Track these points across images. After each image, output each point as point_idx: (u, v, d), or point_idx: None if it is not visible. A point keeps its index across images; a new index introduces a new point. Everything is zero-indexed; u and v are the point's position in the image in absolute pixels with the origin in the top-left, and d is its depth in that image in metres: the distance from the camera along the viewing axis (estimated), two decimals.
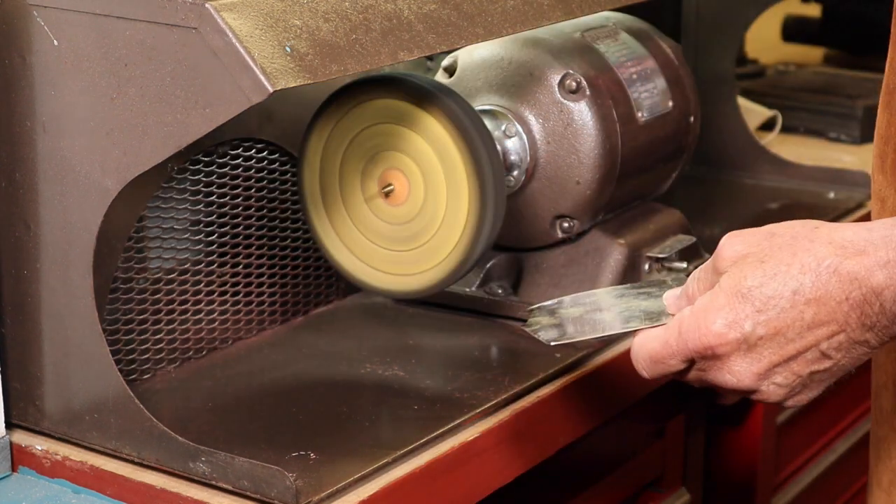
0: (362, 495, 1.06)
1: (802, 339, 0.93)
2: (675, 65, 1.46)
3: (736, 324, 0.93)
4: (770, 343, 0.93)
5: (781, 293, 0.92)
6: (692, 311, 0.95)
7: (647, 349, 0.98)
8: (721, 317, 0.93)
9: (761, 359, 0.94)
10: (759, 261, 0.93)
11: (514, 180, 1.34)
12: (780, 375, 0.95)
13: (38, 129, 1.10)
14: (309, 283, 1.41)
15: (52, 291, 1.12)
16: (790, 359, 0.94)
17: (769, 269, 0.92)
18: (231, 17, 0.98)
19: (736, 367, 0.95)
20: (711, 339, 0.94)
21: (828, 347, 0.93)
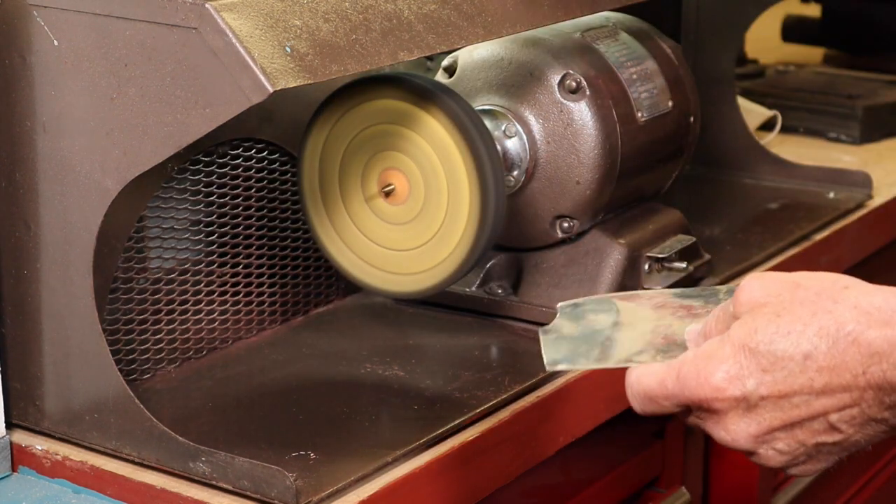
0: (362, 495, 1.06)
1: (809, 407, 0.85)
2: (675, 65, 1.46)
3: (738, 379, 0.86)
4: (773, 406, 0.86)
5: (792, 355, 0.85)
6: (694, 357, 0.88)
7: (643, 385, 0.91)
8: (723, 370, 0.86)
9: (761, 421, 0.86)
10: (775, 314, 0.85)
11: (514, 180, 1.34)
12: (782, 441, 0.87)
13: (38, 129, 1.10)
14: (309, 283, 1.41)
15: (52, 291, 1.12)
16: (794, 425, 0.86)
17: (783, 326, 0.85)
18: (231, 17, 0.98)
19: (732, 426, 0.87)
20: (708, 391, 0.86)
21: (838, 420, 0.86)
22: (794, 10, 2.46)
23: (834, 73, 2.29)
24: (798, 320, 0.85)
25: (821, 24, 2.43)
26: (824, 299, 0.85)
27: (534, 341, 1.30)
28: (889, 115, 2.05)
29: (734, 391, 0.86)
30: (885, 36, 2.38)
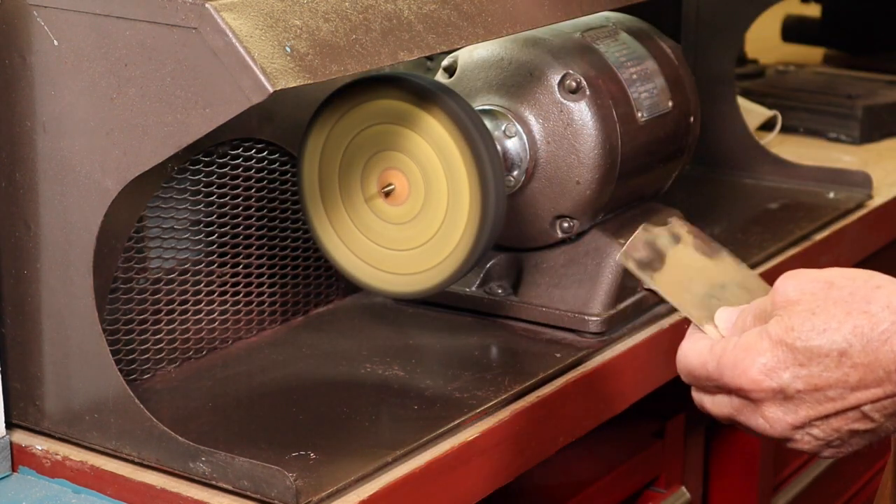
0: (362, 495, 1.06)
1: (844, 400, 0.89)
2: (675, 65, 1.46)
3: (774, 372, 0.89)
4: (808, 398, 0.89)
5: (828, 352, 0.88)
6: (735, 346, 0.91)
7: (687, 361, 0.95)
8: (760, 362, 0.90)
9: (798, 411, 0.90)
10: (810, 311, 0.89)
11: (514, 180, 1.34)
12: (818, 429, 0.91)
13: (38, 129, 1.10)
14: (309, 283, 1.41)
15: (52, 291, 1.12)
16: (829, 416, 0.90)
17: (819, 323, 0.88)
18: (231, 17, 0.98)
19: (770, 414, 0.91)
20: (746, 382, 0.90)
21: (871, 410, 0.89)
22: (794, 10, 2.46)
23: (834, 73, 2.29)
24: (833, 318, 0.88)
25: (821, 24, 2.43)
26: (858, 299, 0.88)
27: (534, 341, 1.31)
28: (889, 115, 2.05)
29: (771, 383, 0.89)
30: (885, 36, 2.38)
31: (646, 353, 1.34)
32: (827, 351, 0.88)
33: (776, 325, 0.90)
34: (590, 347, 1.31)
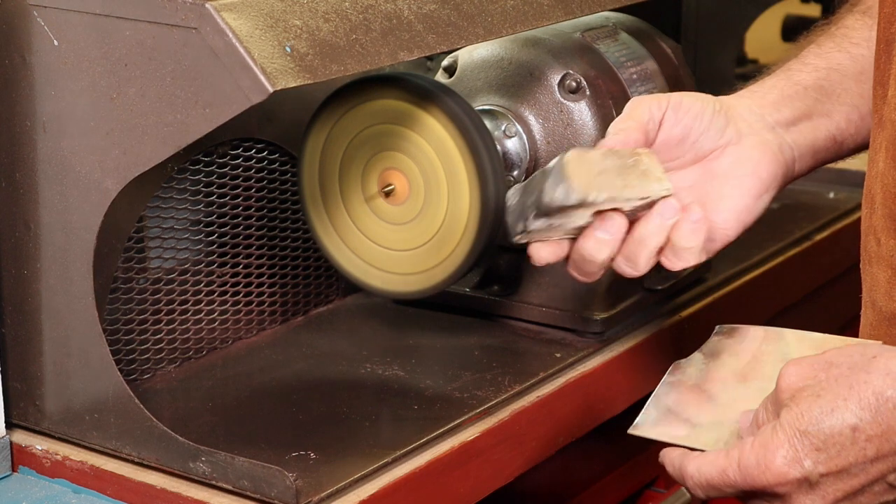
0: (362, 495, 1.06)
1: (867, 474, 0.90)
2: (675, 65, 1.46)
3: (796, 462, 0.90)
4: (833, 480, 0.90)
5: (841, 430, 0.89)
6: (752, 446, 0.92)
7: (704, 476, 0.95)
8: (780, 455, 0.91)
9: (826, 495, 0.91)
10: (815, 395, 0.90)
11: (514, 180, 1.34)
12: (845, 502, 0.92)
13: (38, 129, 1.10)
14: (309, 283, 1.41)
15: (52, 291, 1.12)
16: (856, 493, 0.91)
17: (826, 405, 0.90)
18: (231, 17, 0.98)
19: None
20: (771, 478, 0.91)
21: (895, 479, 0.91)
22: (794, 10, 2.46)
23: None
24: (838, 396, 0.90)
25: None
26: (857, 372, 0.90)
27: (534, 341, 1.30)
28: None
29: (796, 473, 0.90)
30: None
31: (646, 353, 1.34)
32: (840, 430, 0.89)
33: (786, 415, 0.91)
34: (590, 347, 1.31)
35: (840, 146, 1.15)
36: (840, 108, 1.14)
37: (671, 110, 1.08)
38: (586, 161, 1.04)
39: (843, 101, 1.14)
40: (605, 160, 1.05)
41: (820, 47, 1.17)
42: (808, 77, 1.15)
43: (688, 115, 1.09)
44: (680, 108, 1.09)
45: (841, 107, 1.14)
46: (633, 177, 1.04)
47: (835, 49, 1.16)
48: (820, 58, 1.16)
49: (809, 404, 0.90)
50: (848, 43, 1.17)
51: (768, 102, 1.12)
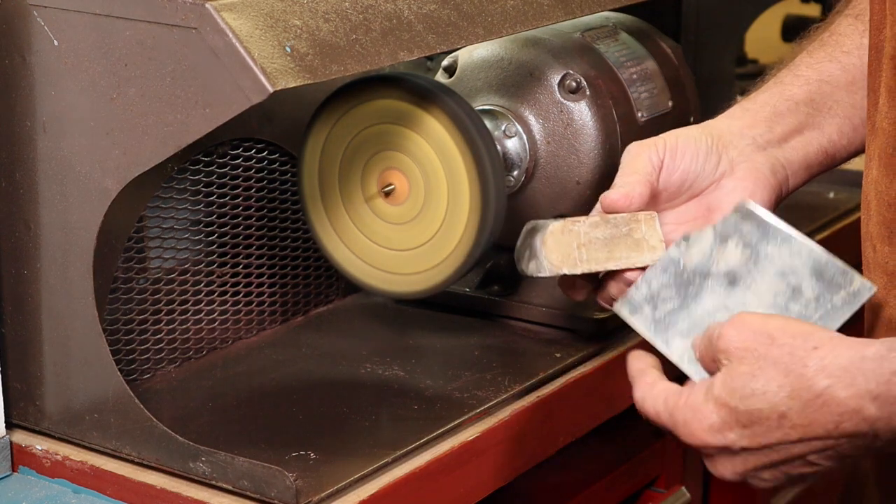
0: (362, 495, 1.06)
1: (788, 452, 0.93)
2: (675, 65, 1.46)
3: (720, 433, 0.94)
4: (755, 453, 0.94)
5: (769, 414, 0.92)
6: (685, 404, 0.95)
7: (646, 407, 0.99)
8: (706, 424, 0.94)
9: (746, 463, 0.95)
10: (750, 374, 0.92)
11: (514, 180, 1.34)
12: (767, 473, 0.95)
13: (38, 129, 1.10)
14: (309, 283, 1.41)
15: (52, 291, 1.12)
16: (775, 464, 0.94)
17: (759, 387, 0.92)
18: (231, 17, 0.98)
19: (720, 466, 0.96)
20: (695, 441, 0.95)
21: (816, 458, 0.93)
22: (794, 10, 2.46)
23: None
24: (772, 381, 0.91)
25: None
26: (796, 360, 0.91)
27: (534, 341, 1.31)
28: None
29: (718, 441, 0.94)
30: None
31: None
32: (767, 414, 0.91)
33: (720, 386, 0.93)
34: (590, 347, 1.31)
35: (832, 158, 1.16)
36: (832, 120, 1.15)
37: (668, 157, 1.10)
38: (569, 234, 1.08)
39: (834, 113, 1.15)
40: (593, 231, 1.07)
41: (811, 56, 1.17)
42: (799, 91, 1.15)
43: (684, 159, 1.10)
44: (676, 154, 1.10)
45: (833, 119, 1.15)
46: (622, 247, 1.07)
47: (826, 59, 1.16)
48: (811, 69, 1.17)
49: (744, 383, 0.92)
50: (839, 52, 1.17)
51: (760, 120, 1.13)
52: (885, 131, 1.00)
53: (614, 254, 1.07)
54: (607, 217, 1.08)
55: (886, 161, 1.01)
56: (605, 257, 1.07)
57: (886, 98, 1.00)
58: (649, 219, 1.07)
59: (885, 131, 1.00)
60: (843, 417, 0.90)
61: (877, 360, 0.89)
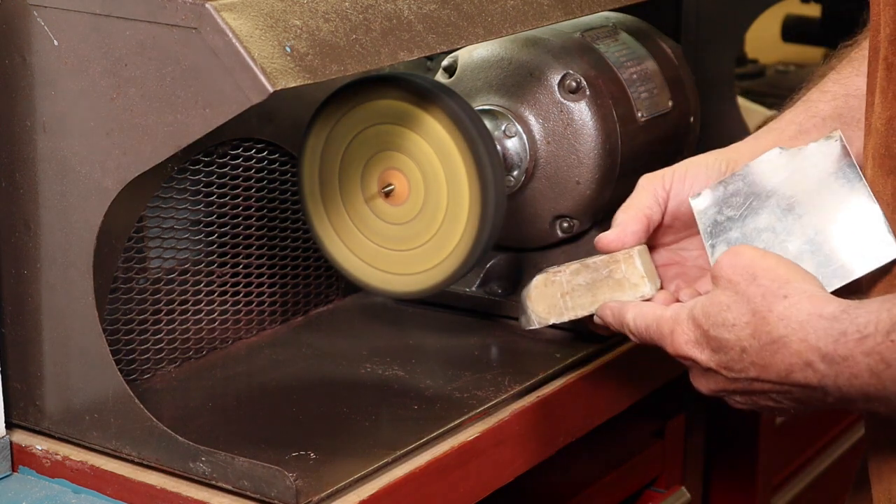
0: (362, 495, 1.06)
1: (750, 386, 0.98)
2: (675, 65, 1.46)
3: (693, 350, 1.01)
4: (721, 376, 1.00)
5: (732, 345, 0.98)
6: (671, 316, 1.02)
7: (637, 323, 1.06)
8: (685, 339, 1.01)
9: (717, 382, 1.01)
10: (725, 306, 0.98)
11: (514, 180, 1.34)
12: (738, 396, 1.01)
13: (38, 129, 1.10)
14: (309, 283, 1.41)
15: (52, 291, 1.12)
16: (742, 392, 1.00)
17: (729, 319, 0.98)
18: (231, 17, 0.98)
19: (695, 379, 1.04)
20: (676, 351, 1.02)
21: (776, 397, 0.98)
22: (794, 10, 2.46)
23: None
24: (741, 316, 0.97)
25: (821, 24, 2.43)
26: (764, 304, 0.96)
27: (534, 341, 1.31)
28: None
29: (694, 355, 1.01)
30: None
31: (646, 354, 1.34)
32: (732, 345, 0.98)
33: (700, 308, 1.00)
34: (590, 347, 1.31)
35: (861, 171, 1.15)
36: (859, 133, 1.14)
37: (676, 186, 1.14)
38: (553, 285, 1.14)
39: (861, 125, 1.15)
40: (575, 278, 1.13)
41: (839, 73, 1.18)
42: (826, 107, 1.16)
43: (693, 187, 1.13)
44: (685, 182, 1.14)
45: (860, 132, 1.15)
46: (604, 290, 1.11)
47: (853, 74, 1.17)
48: (839, 84, 1.17)
49: (718, 310, 0.98)
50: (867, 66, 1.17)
51: (786, 138, 1.14)
52: (878, 131, 1.01)
53: (598, 297, 1.12)
54: (587, 262, 1.13)
55: (879, 161, 1.02)
56: (589, 302, 1.12)
57: (880, 98, 1.01)
58: (627, 258, 1.11)
59: (878, 131, 1.01)
60: (793, 368, 0.94)
61: (830, 319, 0.93)
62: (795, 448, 1.80)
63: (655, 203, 1.13)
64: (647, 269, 1.11)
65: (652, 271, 1.12)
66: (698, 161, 1.15)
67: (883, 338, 0.90)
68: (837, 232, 1.04)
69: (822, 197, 1.06)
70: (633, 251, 1.11)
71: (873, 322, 0.91)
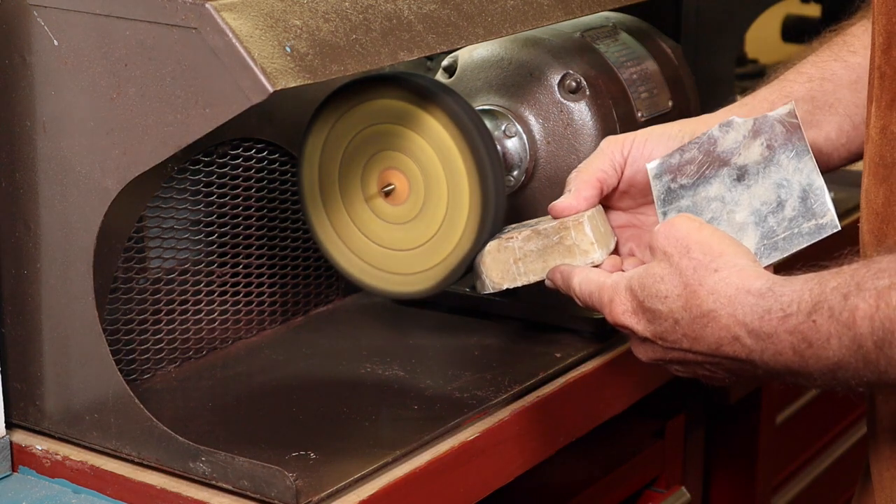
0: (362, 495, 1.06)
1: (685, 356, 1.00)
2: (675, 65, 1.46)
3: (630, 320, 1.02)
4: (658, 346, 1.01)
5: (666, 317, 0.99)
6: (611, 285, 1.04)
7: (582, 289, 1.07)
8: (622, 309, 1.02)
9: (654, 351, 1.03)
10: (659, 278, 0.99)
11: (514, 180, 1.34)
12: (676, 366, 1.03)
13: (38, 129, 1.10)
14: (309, 283, 1.41)
15: (52, 291, 1.12)
16: (678, 362, 1.02)
17: (662, 291, 0.99)
18: (231, 17, 0.98)
19: (635, 347, 1.05)
20: (614, 319, 1.03)
21: (710, 367, 1.00)
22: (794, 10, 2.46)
23: None
24: (674, 288, 0.99)
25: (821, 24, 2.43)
26: (696, 277, 0.98)
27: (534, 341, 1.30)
28: None
29: (630, 324, 1.02)
30: None
31: None
32: (665, 316, 0.99)
33: (637, 279, 1.01)
34: (590, 347, 1.31)
35: (829, 158, 1.18)
36: (831, 118, 1.16)
37: (635, 152, 1.15)
38: (505, 251, 1.15)
39: (835, 110, 1.16)
40: (527, 244, 1.14)
41: (818, 56, 1.19)
42: (800, 88, 1.17)
43: (655, 151, 1.14)
44: (644, 148, 1.14)
45: (832, 117, 1.16)
46: (555, 256, 1.12)
47: (831, 58, 1.18)
48: (815, 66, 1.18)
49: (653, 282, 1.00)
50: (846, 51, 1.18)
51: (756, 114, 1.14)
52: (873, 140, 1.02)
53: (549, 263, 1.12)
54: (538, 229, 1.13)
55: (874, 170, 1.03)
56: (541, 268, 1.13)
57: (875, 108, 1.01)
58: (577, 224, 1.12)
59: (873, 140, 1.02)
60: (722, 341, 0.96)
61: (756, 296, 0.95)
62: (795, 448, 1.80)
63: (611, 168, 1.14)
64: (598, 235, 1.12)
65: (604, 233, 1.13)
66: (661, 129, 1.16)
67: (805, 318, 0.92)
68: (782, 204, 1.06)
69: (770, 169, 1.07)
70: (584, 217, 1.12)
71: (796, 301, 0.93)
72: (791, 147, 1.07)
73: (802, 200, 1.06)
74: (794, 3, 2.45)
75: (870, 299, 0.89)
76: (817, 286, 0.93)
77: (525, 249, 1.14)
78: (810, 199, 1.05)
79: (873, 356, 0.89)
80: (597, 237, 1.11)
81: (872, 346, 0.89)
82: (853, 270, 0.92)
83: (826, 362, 0.92)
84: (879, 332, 0.89)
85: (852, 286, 0.91)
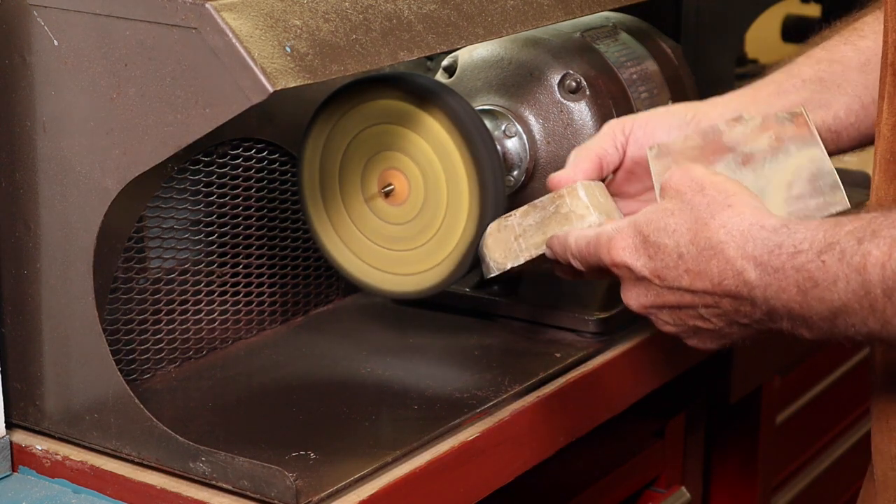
0: (362, 495, 1.06)
1: (682, 297, 0.99)
2: (675, 65, 1.46)
3: (629, 257, 1.00)
4: (653, 286, 1.00)
5: (670, 252, 0.98)
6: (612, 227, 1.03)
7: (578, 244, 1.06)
8: (621, 246, 1.01)
9: (648, 294, 1.01)
10: (670, 212, 0.99)
11: (514, 180, 1.34)
12: (667, 315, 1.01)
13: (38, 129, 1.10)
14: (309, 283, 1.41)
15: (52, 291, 1.12)
16: (672, 307, 1.00)
17: (671, 225, 0.98)
18: (231, 17, 0.98)
19: (627, 291, 1.03)
20: (612, 257, 1.02)
21: (706, 313, 0.99)
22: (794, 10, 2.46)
23: None
24: (683, 223, 0.98)
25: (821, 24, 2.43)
26: (707, 211, 0.97)
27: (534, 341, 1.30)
28: None
29: (626, 260, 1.01)
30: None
31: (645, 353, 1.34)
32: (670, 251, 0.98)
33: (643, 215, 1.01)
34: (590, 347, 1.31)
35: (838, 136, 1.17)
36: (840, 98, 1.16)
37: (637, 131, 1.15)
38: (505, 230, 1.16)
39: (844, 91, 1.16)
40: (525, 219, 1.14)
41: (827, 42, 1.19)
42: (809, 70, 1.17)
43: (657, 130, 1.14)
44: (647, 127, 1.15)
45: (841, 97, 1.16)
46: (553, 225, 1.12)
47: (840, 42, 1.18)
48: (825, 50, 1.19)
49: (661, 216, 0.99)
50: (856, 36, 1.18)
51: (763, 97, 1.15)
52: (885, 137, 1.02)
53: (548, 234, 1.12)
54: (535, 203, 1.14)
55: (885, 166, 1.03)
56: (541, 240, 1.13)
57: (888, 104, 1.01)
58: (571, 191, 1.12)
59: (885, 137, 1.02)
60: (725, 275, 0.95)
61: (770, 231, 0.94)
62: (795, 448, 1.80)
63: (613, 146, 1.15)
64: (594, 202, 1.12)
65: (604, 204, 1.12)
66: (665, 109, 1.16)
67: (814, 256, 0.91)
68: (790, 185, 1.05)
69: (778, 157, 1.07)
70: (577, 184, 1.12)
71: (809, 239, 0.92)
72: (800, 139, 1.07)
73: (811, 182, 1.05)
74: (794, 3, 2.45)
75: (884, 246, 0.88)
76: (832, 228, 0.92)
77: (524, 225, 1.14)
78: (819, 182, 1.05)
79: (880, 304, 0.89)
80: (593, 203, 1.11)
81: (881, 294, 0.88)
82: (871, 217, 0.91)
83: (829, 305, 0.91)
84: (890, 281, 0.88)
85: (868, 232, 0.90)
